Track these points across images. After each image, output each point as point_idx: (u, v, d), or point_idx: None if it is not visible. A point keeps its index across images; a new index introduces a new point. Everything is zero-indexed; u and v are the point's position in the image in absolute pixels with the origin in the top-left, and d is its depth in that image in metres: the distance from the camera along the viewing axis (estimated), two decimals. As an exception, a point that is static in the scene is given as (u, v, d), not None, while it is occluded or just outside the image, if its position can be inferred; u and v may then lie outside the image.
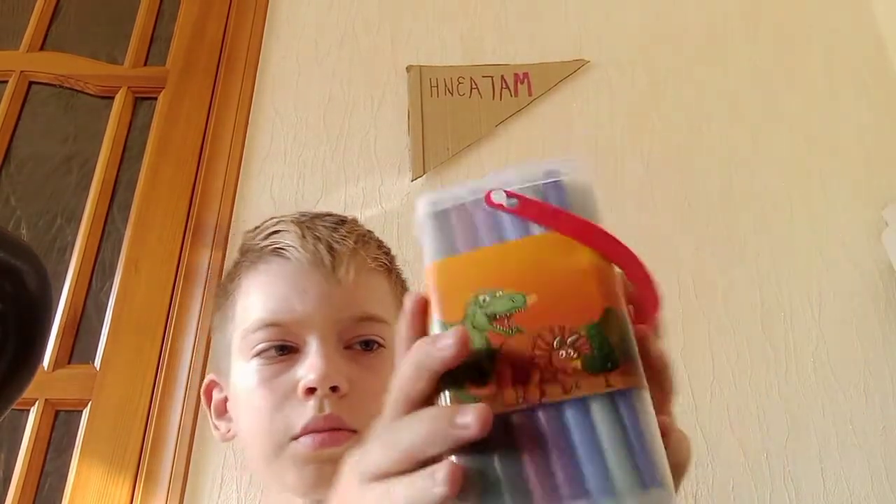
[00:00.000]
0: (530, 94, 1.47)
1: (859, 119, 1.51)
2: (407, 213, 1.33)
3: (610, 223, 1.33)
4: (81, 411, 1.19)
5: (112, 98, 1.53)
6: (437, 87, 1.47)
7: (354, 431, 0.53)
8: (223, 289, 0.65)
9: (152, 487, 1.11)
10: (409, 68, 1.50)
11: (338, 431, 0.53)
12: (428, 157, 1.39)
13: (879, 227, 1.38)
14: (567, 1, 1.62)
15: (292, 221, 0.60)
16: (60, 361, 1.25)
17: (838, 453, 1.18)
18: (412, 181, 1.38)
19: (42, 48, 1.61)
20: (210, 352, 0.68)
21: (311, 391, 0.53)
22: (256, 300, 0.58)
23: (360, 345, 0.58)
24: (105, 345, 1.24)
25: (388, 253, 0.65)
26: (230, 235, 1.33)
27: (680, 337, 1.26)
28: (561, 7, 1.61)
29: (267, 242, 0.60)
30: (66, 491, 1.12)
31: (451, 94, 1.46)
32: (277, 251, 0.59)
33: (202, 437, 1.15)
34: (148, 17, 1.63)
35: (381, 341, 0.58)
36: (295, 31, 1.56)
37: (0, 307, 0.33)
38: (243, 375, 0.57)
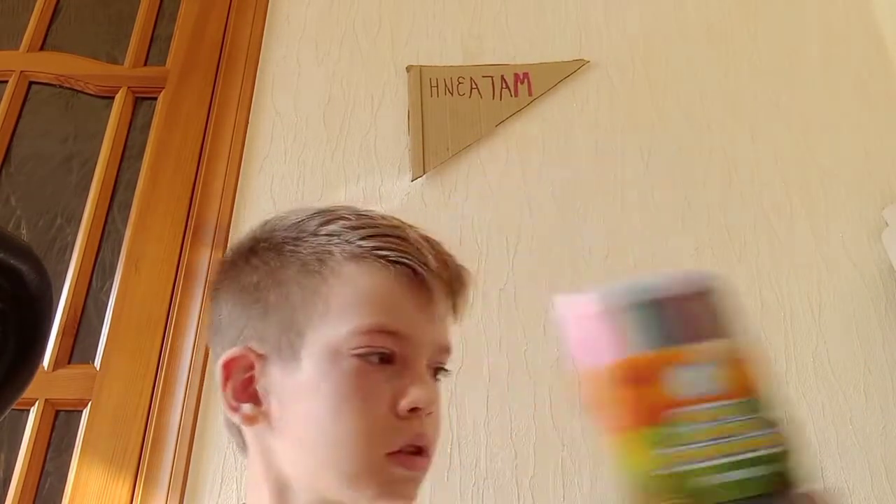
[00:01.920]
0: (530, 94, 1.47)
1: (859, 119, 1.51)
2: (407, 213, 1.33)
3: (610, 223, 1.33)
4: (81, 411, 1.19)
5: (112, 98, 1.53)
6: (437, 86, 1.47)
7: (429, 456, 0.56)
8: (299, 263, 0.58)
9: (152, 487, 1.11)
10: (409, 68, 1.50)
11: (426, 457, 0.55)
12: (428, 157, 1.39)
13: (879, 227, 1.38)
14: (567, 1, 1.62)
15: (420, 237, 0.59)
16: (60, 361, 1.25)
17: (838, 453, 1.18)
18: (412, 181, 1.38)
19: (42, 48, 1.61)
20: (245, 324, 0.58)
21: (415, 411, 0.54)
22: (375, 302, 0.55)
23: (432, 371, 0.59)
24: (105, 345, 1.24)
25: None
26: (230, 235, 1.33)
27: (680, 337, 1.26)
28: (561, 7, 1.61)
29: (387, 248, 0.56)
30: (66, 491, 1.12)
31: (451, 94, 1.46)
32: (404, 262, 0.56)
33: (202, 437, 1.16)
34: (148, 18, 1.63)
35: (447, 370, 0.61)
36: (295, 31, 1.56)
37: (0, 307, 0.33)
38: (335, 372, 0.54)
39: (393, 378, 0.54)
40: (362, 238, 0.57)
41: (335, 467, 0.54)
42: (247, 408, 0.57)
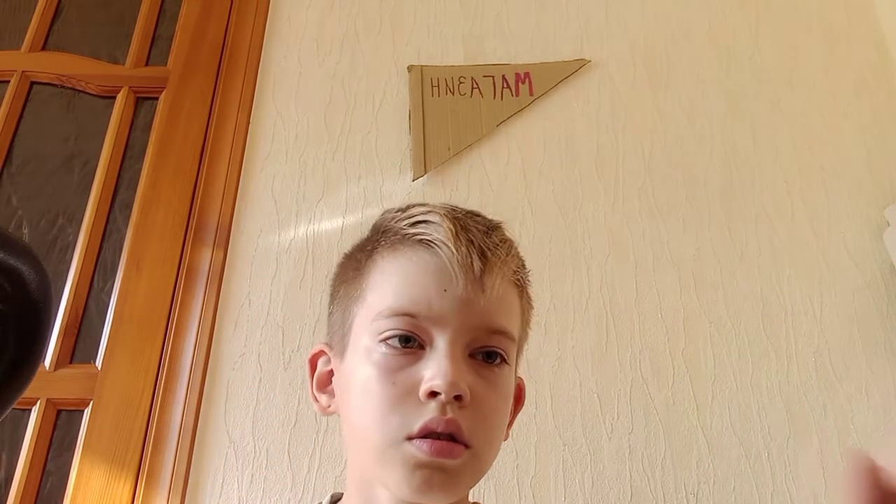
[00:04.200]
0: (531, 94, 1.47)
1: (860, 118, 1.51)
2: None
3: (612, 224, 1.34)
4: (83, 411, 1.20)
5: (113, 98, 1.53)
6: (438, 86, 1.47)
7: (467, 447, 0.52)
8: (354, 260, 0.62)
9: (153, 487, 1.11)
10: (410, 68, 1.50)
11: (455, 444, 0.52)
12: (429, 157, 1.39)
13: (881, 227, 1.38)
14: (568, 1, 1.62)
15: (445, 215, 0.57)
16: (62, 361, 1.26)
17: (839, 453, 1.17)
18: (413, 181, 1.38)
19: (43, 48, 1.61)
20: (327, 321, 0.65)
21: (433, 395, 0.52)
22: (395, 285, 0.56)
23: (483, 355, 0.56)
24: (106, 344, 1.24)
25: (524, 267, 0.64)
26: (231, 235, 1.33)
27: (681, 336, 1.26)
28: (562, 7, 1.61)
29: (415, 231, 0.58)
30: (67, 490, 1.12)
31: (453, 94, 1.46)
32: (426, 243, 0.57)
33: (203, 437, 1.16)
34: (149, 17, 1.63)
35: (504, 356, 0.57)
36: (296, 31, 1.56)
37: (0, 308, 0.33)
38: (364, 359, 0.55)
39: (417, 362, 0.54)
40: (401, 226, 0.59)
41: (365, 451, 0.55)
42: (323, 399, 0.62)
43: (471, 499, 0.65)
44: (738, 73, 1.55)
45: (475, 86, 1.48)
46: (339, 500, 0.64)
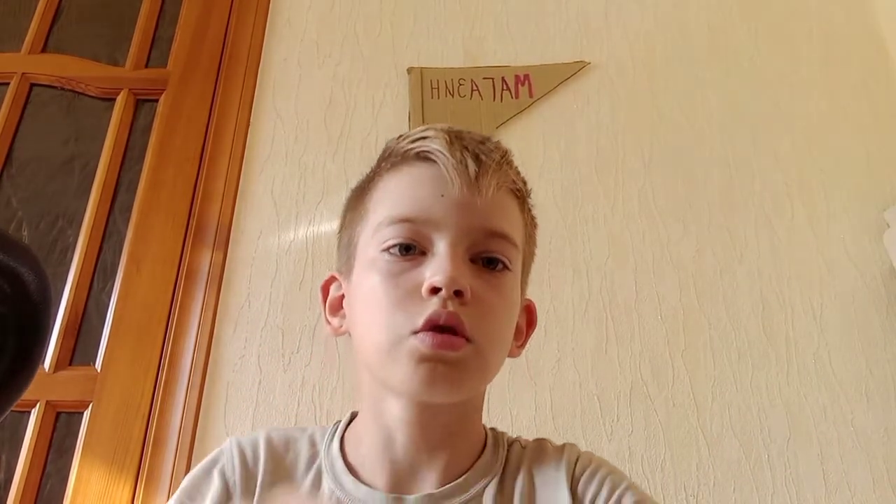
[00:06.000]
0: (531, 96, 1.48)
1: (860, 120, 1.51)
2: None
3: (611, 226, 1.34)
4: (82, 412, 1.20)
5: (113, 100, 1.53)
6: (438, 88, 1.47)
7: (469, 341, 0.53)
8: (358, 189, 0.65)
9: (153, 488, 1.11)
10: (409, 70, 1.50)
11: (456, 337, 0.52)
12: (429, 159, 1.39)
13: (881, 229, 1.38)
14: (568, 3, 1.62)
15: (441, 129, 0.60)
16: (62, 363, 1.25)
17: (839, 455, 1.17)
18: (413, 182, 1.38)
19: (43, 50, 1.61)
20: (336, 250, 0.67)
21: (435, 290, 0.53)
22: (395, 197, 0.58)
23: (484, 261, 0.57)
24: (106, 346, 1.25)
25: (525, 182, 0.66)
26: (231, 236, 1.33)
27: (681, 338, 1.26)
28: (562, 9, 1.61)
29: (413, 146, 0.59)
30: (67, 492, 1.12)
31: (452, 96, 1.46)
32: (423, 155, 0.59)
33: (203, 438, 1.16)
34: (149, 19, 1.64)
35: (506, 262, 0.58)
36: (296, 33, 1.56)
37: (-1, 309, 0.33)
38: (370, 268, 0.57)
39: (419, 266, 0.55)
40: (402, 146, 0.61)
41: (372, 354, 0.56)
42: (335, 321, 0.64)
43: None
44: (738, 74, 1.55)
45: (475, 88, 1.48)
46: (356, 417, 0.65)
